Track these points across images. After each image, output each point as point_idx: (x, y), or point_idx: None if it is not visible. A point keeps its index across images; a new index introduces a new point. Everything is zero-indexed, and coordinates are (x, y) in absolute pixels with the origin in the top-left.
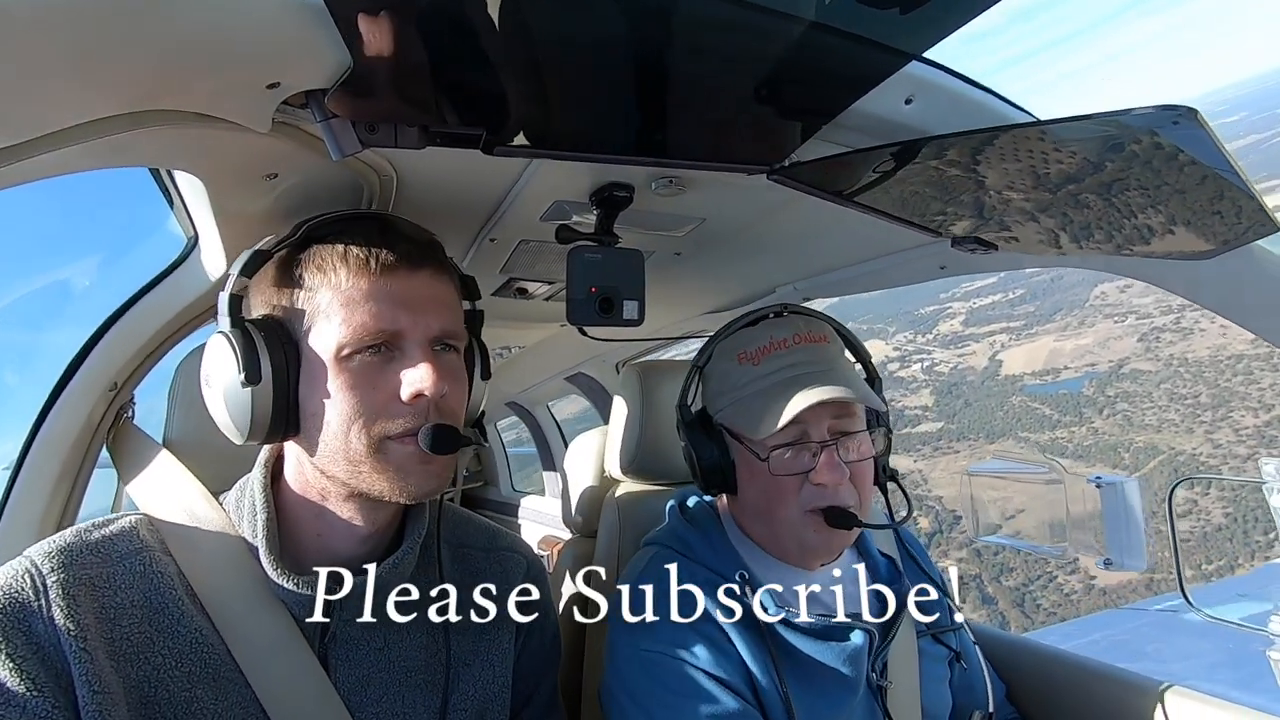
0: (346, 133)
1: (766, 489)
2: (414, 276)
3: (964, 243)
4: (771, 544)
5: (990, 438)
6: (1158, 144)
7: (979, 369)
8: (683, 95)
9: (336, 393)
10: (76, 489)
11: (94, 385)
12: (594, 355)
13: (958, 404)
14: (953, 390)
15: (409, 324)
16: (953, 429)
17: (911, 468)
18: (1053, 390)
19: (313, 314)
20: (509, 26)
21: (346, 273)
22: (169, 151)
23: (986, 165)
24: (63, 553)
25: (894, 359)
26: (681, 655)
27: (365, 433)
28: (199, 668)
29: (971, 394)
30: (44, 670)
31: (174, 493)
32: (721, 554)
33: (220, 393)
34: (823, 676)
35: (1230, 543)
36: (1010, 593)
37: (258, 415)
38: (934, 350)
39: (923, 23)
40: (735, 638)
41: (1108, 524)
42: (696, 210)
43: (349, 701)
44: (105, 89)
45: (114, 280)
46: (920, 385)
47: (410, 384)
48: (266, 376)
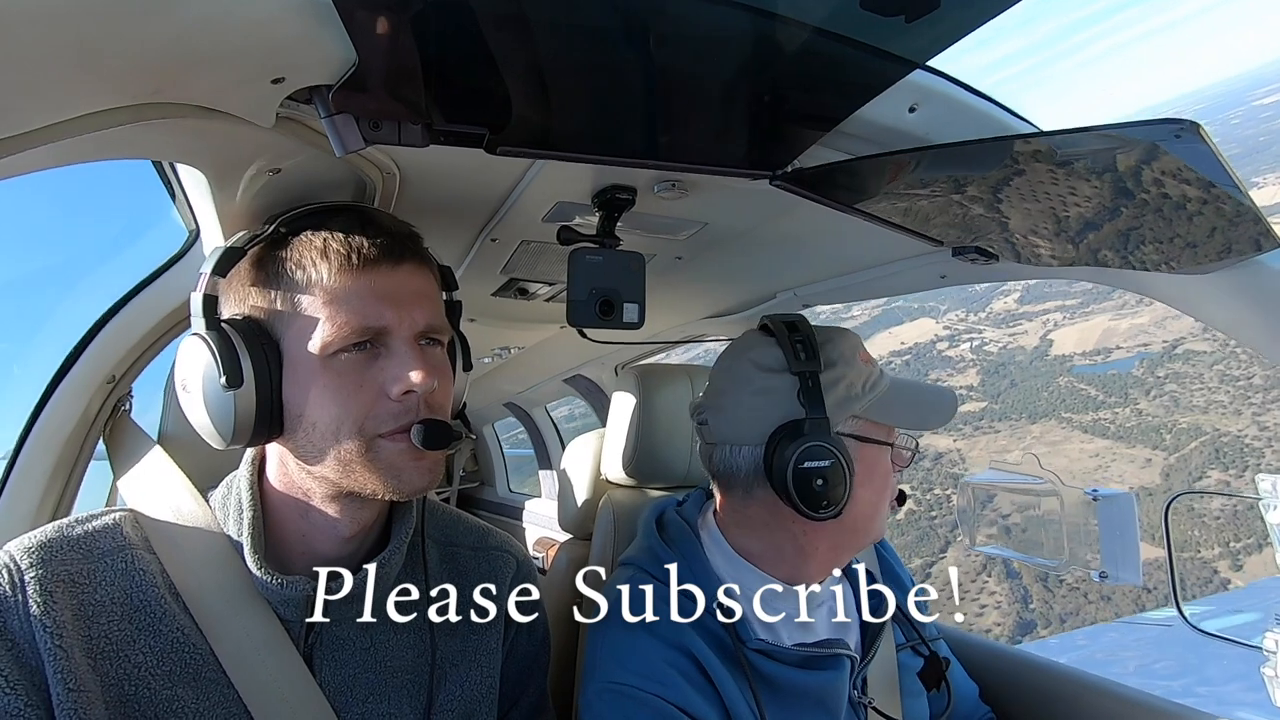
0: (350, 129)
1: (882, 489)
2: (396, 270)
3: (965, 252)
4: (782, 560)
5: (1032, 418)
6: (1159, 157)
7: (1029, 349)
8: (687, 99)
9: (324, 393)
10: (72, 482)
11: (92, 377)
12: (593, 357)
13: (1003, 384)
14: (999, 370)
15: (394, 319)
16: (996, 409)
17: (950, 447)
18: (1102, 370)
19: (294, 312)
20: (515, 26)
21: (328, 268)
22: (171, 144)
23: (989, 179)
24: (42, 548)
25: (943, 338)
26: (653, 690)
27: (356, 432)
28: (180, 667)
29: (1018, 374)
30: (16, 667)
31: (161, 489)
32: (700, 578)
33: (199, 397)
34: (803, 705)
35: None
36: (1034, 569)
37: (241, 419)
38: (985, 329)
39: (927, 31)
40: (711, 668)
41: (1104, 537)
42: (698, 214)
43: (334, 702)
44: (108, 82)
45: (116, 271)
46: (967, 365)
47: (399, 381)
48: (249, 379)
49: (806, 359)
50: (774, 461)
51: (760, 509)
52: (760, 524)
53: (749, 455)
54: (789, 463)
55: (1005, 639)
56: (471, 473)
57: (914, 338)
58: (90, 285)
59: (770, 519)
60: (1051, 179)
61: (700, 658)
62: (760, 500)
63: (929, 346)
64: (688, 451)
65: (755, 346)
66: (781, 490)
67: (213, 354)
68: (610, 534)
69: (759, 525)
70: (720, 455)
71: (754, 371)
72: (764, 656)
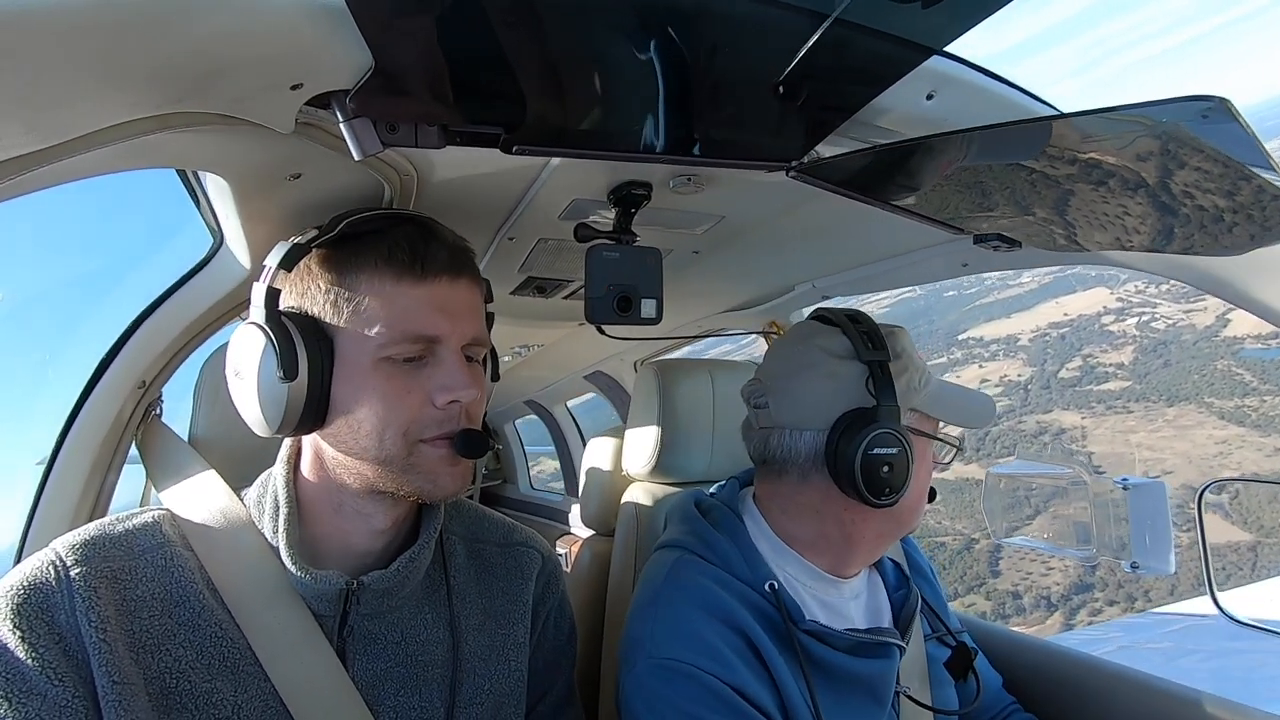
0: (368, 133)
1: (927, 482)
2: (455, 284)
3: (986, 239)
4: (828, 547)
5: (1171, 401)
6: (1186, 137)
7: (1199, 328)
8: (702, 92)
9: (373, 394)
10: (107, 483)
11: (123, 383)
12: (612, 354)
13: (1155, 363)
14: (1157, 349)
15: (448, 330)
16: (1137, 389)
17: (1076, 423)
18: (1274, 355)
19: (352, 313)
20: (528, 24)
21: (391, 275)
22: (194, 153)
23: (1010, 164)
24: (87, 545)
25: (1112, 310)
26: (706, 666)
27: (400, 436)
28: (219, 660)
29: (1176, 354)
30: (65, 660)
31: (197, 489)
32: (750, 560)
33: (252, 385)
34: (854, 691)
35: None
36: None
37: (290, 410)
38: (1160, 304)
39: (944, 16)
40: (764, 649)
41: (1134, 526)
42: (715, 208)
43: (367, 695)
44: (132, 94)
45: (143, 278)
46: (1126, 342)
47: (447, 391)
48: (303, 372)
49: (874, 349)
50: (840, 447)
51: (813, 495)
52: (810, 510)
53: (811, 440)
54: (859, 449)
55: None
56: (494, 470)
57: (1080, 309)
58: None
59: (821, 505)
60: (1074, 162)
61: (754, 637)
62: (815, 486)
63: (1093, 320)
64: (709, 446)
65: (820, 333)
66: (845, 476)
67: (272, 345)
68: (633, 529)
69: (809, 511)
70: (778, 439)
71: (822, 357)
72: (816, 640)
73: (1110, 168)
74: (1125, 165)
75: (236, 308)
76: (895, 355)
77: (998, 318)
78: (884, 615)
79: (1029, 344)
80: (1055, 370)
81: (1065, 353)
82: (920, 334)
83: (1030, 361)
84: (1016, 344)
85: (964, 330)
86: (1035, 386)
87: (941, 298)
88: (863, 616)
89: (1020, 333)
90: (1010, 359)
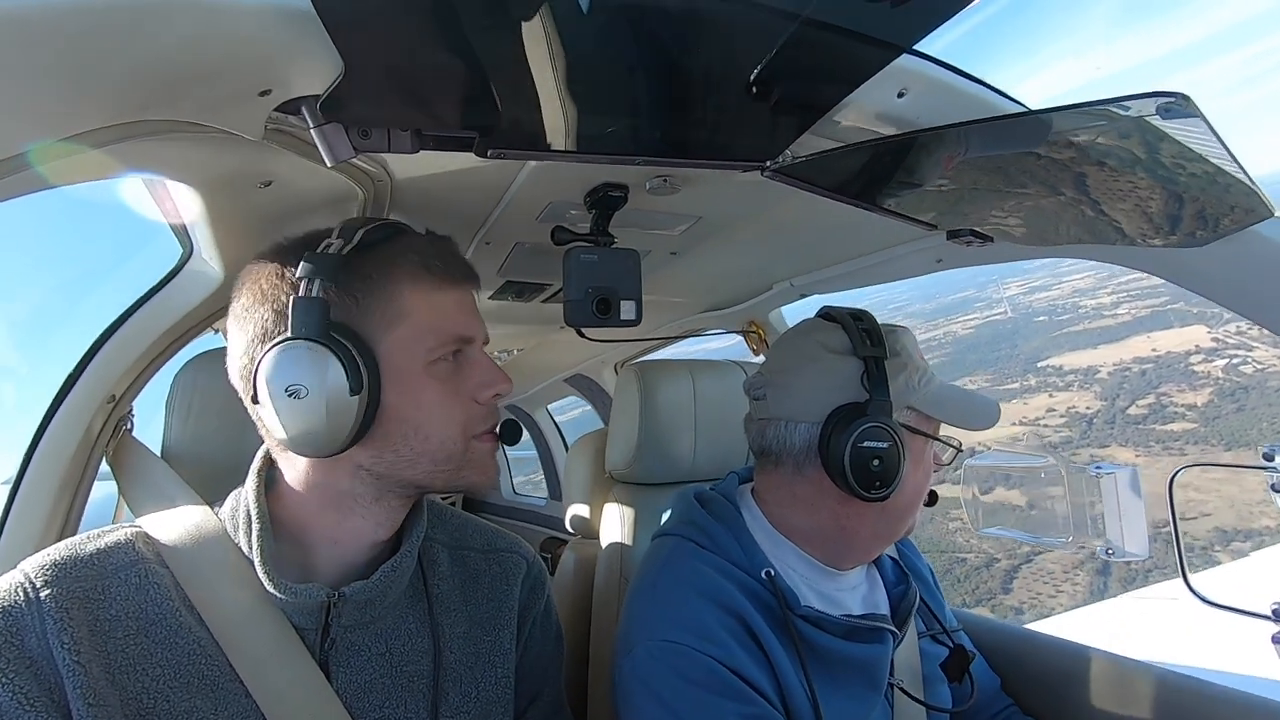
0: (340, 138)
1: (924, 481)
2: (472, 288)
3: (959, 235)
4: (824, 540)
5: (1229, 446)
6: (1150, 130)
7: None
8: (675, 93)
9: (429, 397)
10: (77, 502)
11: (92, 397)
12: (593, 356)
13: (1229, 408)
14: (1235, 394)
15: (478, 330)
16: (1200, 432)
17: (1129, 460)
18: None
19: (394, 320)
20: (498, 27)
21: (430, 281)
22: (162, 161)
23: (980, 158)
24: (56, 566)
25: (1203, 350)
26: (704, 648)
27: (460, 434)
28: (197, 678)
29: (1254, 400)
30: (36, 685)
31: (171, 504)
32: (747, 548)
33: (321, 403)
34: (850, 676)
35: None
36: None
37: (357, 424)
38: (1258, 347)
39: (914, 15)
40: (760, 633)
41: (1108, 513)
42: (692, 208)
43: (351, 707)
44: (96, 102)
45: (111, 290)
46: (1207, 384)
47: (490, 386)
48: (366, 385)
49: (872, 345)
50: (831, 439)
51: (808, 487)
52: (805, 503)
53: (805, 432)
54: (848, 441)
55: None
56: None
57: (1171, 345)
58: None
59: (816, 498)
60: (1042, 157)
61: (750, 622)
62: (809, 479)
63: (1180, 358)
64: (691, 446)
65: (821, 329)
66: (836, 468)
67: (338, 359)
68: (617, 531)
69: (804, 504)
70: (774, 430)
71: (820, 351)
72: (811, 625)
73: (1079, 161)
74: (1093, 158)
75: (209, 318)
76: (894, 353)
77: (1083, 348)
78: (881, 608)
79: (1107, 377)
80: (1125, 406)
81: (1140, 389)
82: (999, 358)
83: (1102, 395)
84: (1095, 376)
85: (1045, 358)
86: (1100, 421)
87: (1031, 322)
88: (859, 606)
89: (1102, 364)
90: (1084, 390)
